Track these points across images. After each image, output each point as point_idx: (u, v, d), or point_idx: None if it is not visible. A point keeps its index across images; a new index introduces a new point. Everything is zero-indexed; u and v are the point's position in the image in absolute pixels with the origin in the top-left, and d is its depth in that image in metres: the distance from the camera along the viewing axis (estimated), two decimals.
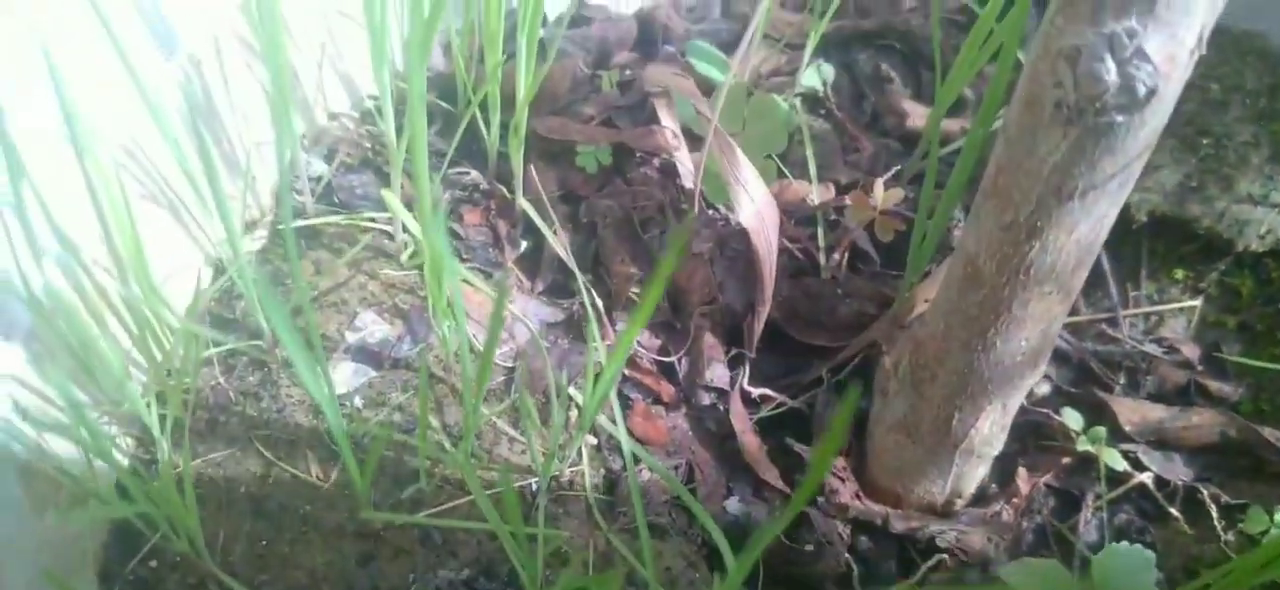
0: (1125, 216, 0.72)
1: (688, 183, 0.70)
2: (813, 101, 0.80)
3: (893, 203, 0.68)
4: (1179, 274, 0.75)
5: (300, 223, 0.66)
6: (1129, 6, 0.43)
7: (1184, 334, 0.75)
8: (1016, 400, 0.62)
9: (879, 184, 0.68)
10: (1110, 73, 0.45)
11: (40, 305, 0.46)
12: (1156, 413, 0.69)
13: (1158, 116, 0.47)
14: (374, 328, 0.63)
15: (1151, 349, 0.73)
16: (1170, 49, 0.44)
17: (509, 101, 0.67)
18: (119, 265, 0.51)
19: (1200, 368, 0.73)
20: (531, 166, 0.74)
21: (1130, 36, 0.44)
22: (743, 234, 0.63)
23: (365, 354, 0.62)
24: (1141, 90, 0.45)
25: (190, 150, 0.56)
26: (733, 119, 0.68)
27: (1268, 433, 0.66)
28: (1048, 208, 0.51)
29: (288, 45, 0.66)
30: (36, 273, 0.46)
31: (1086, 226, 0.52)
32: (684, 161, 0.70)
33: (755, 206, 0.57)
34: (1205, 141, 0.74)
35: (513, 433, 0.61)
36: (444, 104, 0.74)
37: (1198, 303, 0.74)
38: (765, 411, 0.68)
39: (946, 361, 0.60)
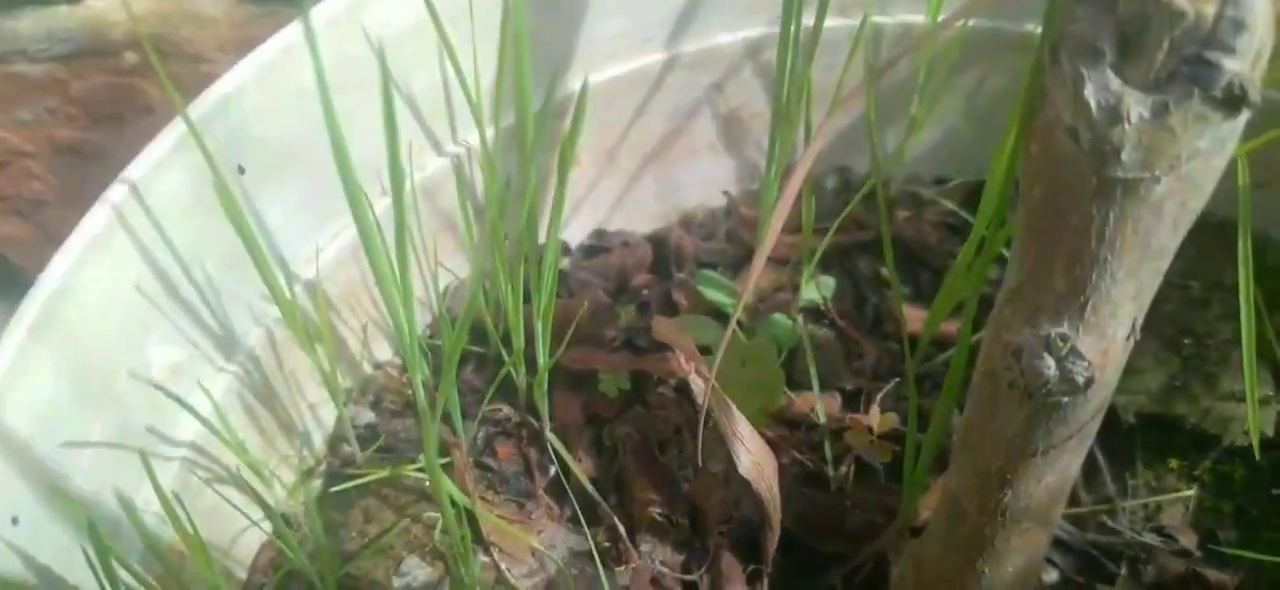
0: (1114, 417, 0.77)
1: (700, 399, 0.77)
2: (816, 313, 0.86)
3: (887, 427, 0.73)
4: (1174, 463, 0.79)
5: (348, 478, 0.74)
6: (1060, 315, 0.49)
7: (1182, 521, 0.78)
8: None
9: (875, 409, 0.74)
10: (1050, 368, 0.50)
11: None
12: None
13: (1106, 388, 0.52)
14: (417, 572, 0.70)
15: (1151, 538, 0.77)
16: (1102, 345, 0.50)
17: (533, 338, 0.74)
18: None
19: (1198, 555, 0.76)
20: (557, 395, 0.81)
21: (1063, 340, 0.49)
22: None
23: None
24: (1080, 380, 0.50)
25: (251, 434, 0.65)
26: (731, 363, 0.74)
27: None
28: (1014, 463, 0.57)
29: (331, 315, 0.74)
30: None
31: (1052, 476, 0.57)
32: (698, 384, 0.76)
33: (752, 458, 0.63)
34: (1187, 341, 0.78)
35: None
36: (477, 348, 0.82)
37: (1193, 492, 0.78)
38: None
39: (944, 584, 0.65)
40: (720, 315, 0.83)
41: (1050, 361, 0.50)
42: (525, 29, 0.57)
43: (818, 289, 0.85)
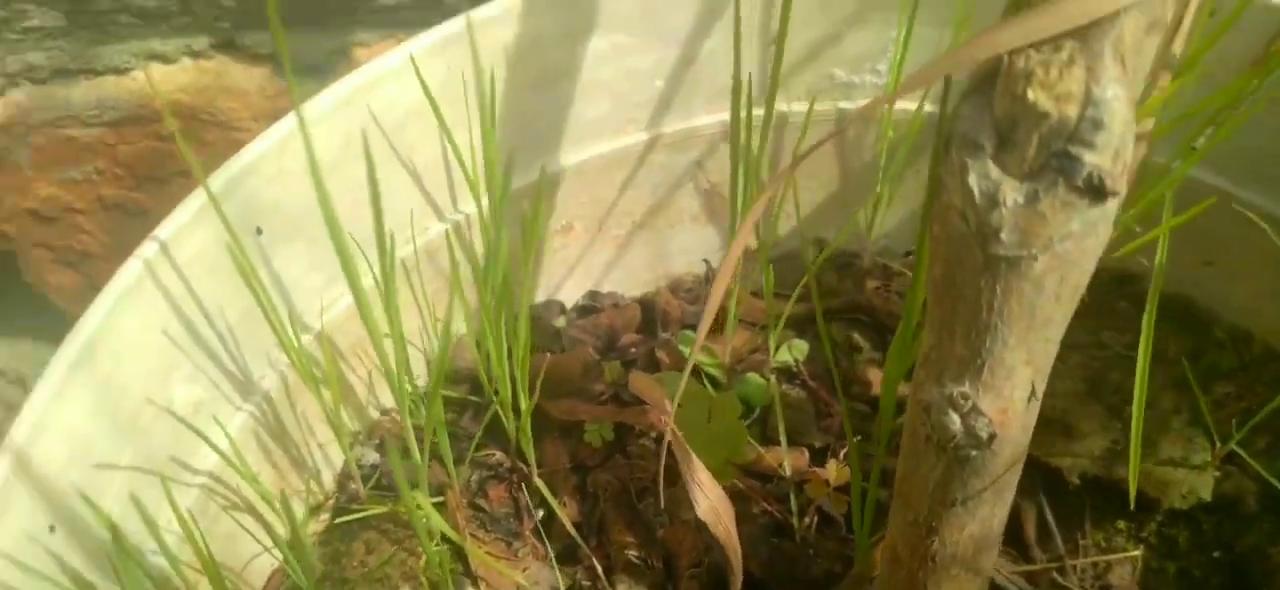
0: (1060, 480, 0.82)
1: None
2: (789, 374, 0.92)
3: (844, 480, 0.80)
4: (1121, 524, 0.84)
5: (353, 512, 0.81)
6: (962, 375, 0.55)
7: (1130, 579, 0.83)
8: None
9: (833, 463, 0.80)
10: (955, 424, 0.56)
11: None
12: None
13: (1011, 447, 0.58)
14: None
15: None
16: (1001, 404, 0.56)
17: (525, 389, 0.81)
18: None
19: None
20: (547, 442, 0.88)
21: (965, 398, 0.56)
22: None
23: None
24: (983, 435, 0.56)
25: (265, 468, 0.72)
26: (697, 415, 0.81)
27: None
28: (938, 512, 0.63)
29: (341, 364, 0.82)
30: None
31: (974, 526, 0.63)
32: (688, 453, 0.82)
33: (709, 501, 0.69)
34: (1130, 409, 0.84)
35: None
36: (474, 397, 0.89)
37: (1140, 552, 0.83)
38: None
39: None
40: (699, 373, 0.89)
41: (955, 417, 0.57)
42: (493, 116, 0.65)
43: (790, 351, 0.91)
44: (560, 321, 0.99)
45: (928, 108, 0.90)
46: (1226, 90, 0.69)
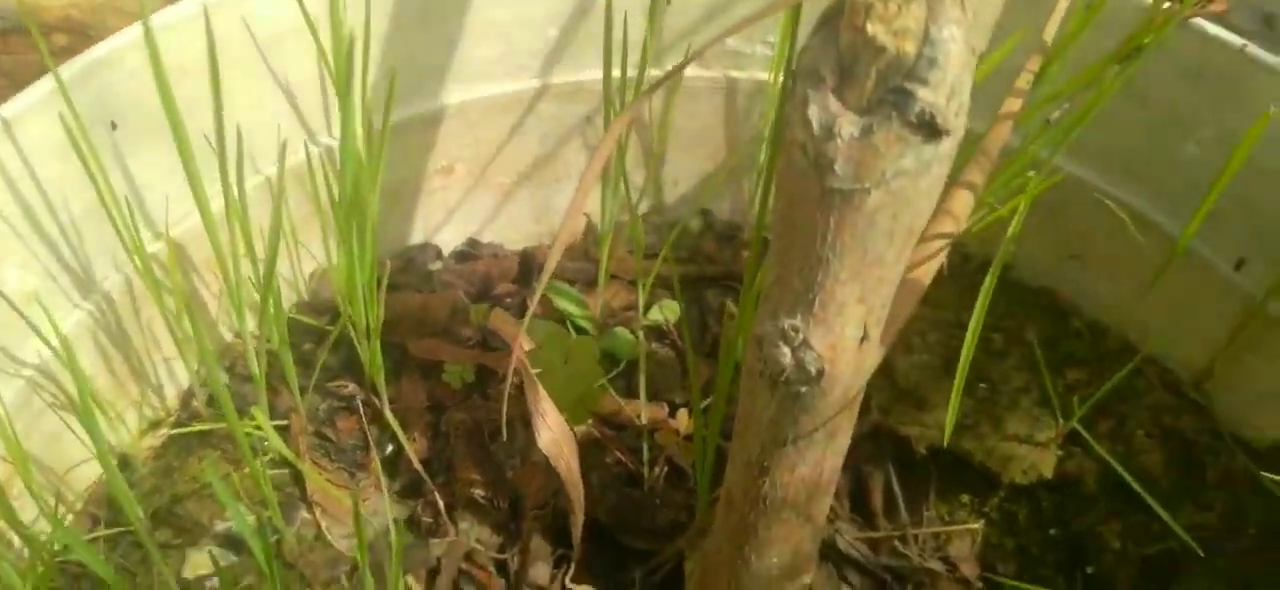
0: (908, 449, 0.84)
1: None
2: (660, 334, 0.92)
3: (692, 430, 0.80)
4: (965, 498, 0.86)
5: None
6: (794, 308, 0.56)
7: (969, 552, 0.85)
8: None
9: (683, 413, 0.80)
10: (786, 357, 0.57)
11: None
12: None
13: (841, 386, 0.59)
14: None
15: (936, 566, 0.83)
16: (831, 339, 0.56)
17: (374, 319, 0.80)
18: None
19: (979, 585, 0.83)
20: (405, 379, 0.87)
21: (795, 331, 0.56)
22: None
23: (229, 541, 0.73)
24: (812, 369, 0.57)
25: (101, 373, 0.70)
26: (554, 357, 0.81)
27: None
28: (770, 452, 0.63)
29: (195, 279, 0.80)
30: None
31: (805, 468, 0.64)
32: (534, 383, 0.82)
33: (552, 434, 0.69)
34: (982, 386, 0.86)
35: None
36: (330, 328, 0.87)
37: (980, 526, 0.85)
38: None
39: (721, 573, 0.71)
40: (566, 324, 0.89)
41: (786, 350, 0.57)
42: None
43: (662, 311, 0.92)
44: (436, 265, 0.98)
45: None
46: (1086, 72, 0.71)
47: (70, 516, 0.74)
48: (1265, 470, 0.81)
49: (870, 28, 0.46)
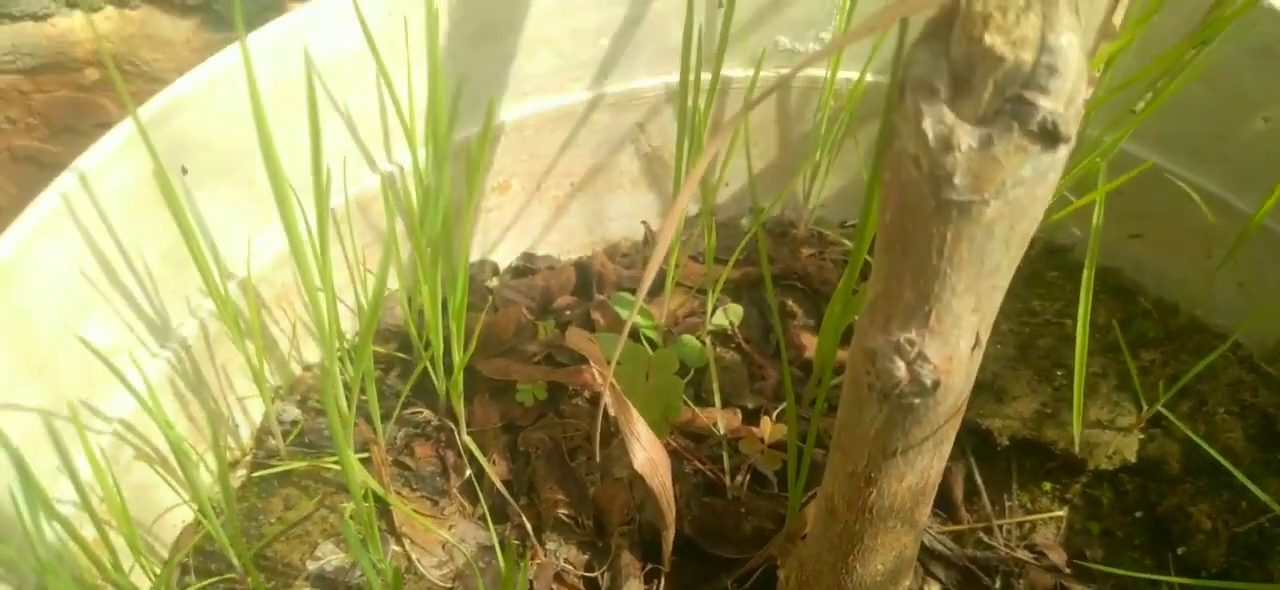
0: (991, 441, 0.83)
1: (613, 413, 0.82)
2: (724, 337, 0.92)
3: (777, 437, 0.79)
4: (1047, 486, 0.85)
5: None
6: (909, 321, 0.55)
7: (1054, 540, 0.85)
8: None
9: (766, 420, 0.80)
10: (901, 370, 0.56)
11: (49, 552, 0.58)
12: None
13: (955, 393, 0.59)
14: (331, 557, 0.74)
15: (1023, 555, 0.83)
16: (946, 351, 0.56)
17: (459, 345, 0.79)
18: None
19: (1068, 571, 0.83)
20: (477, 402, 0.86)
21: (911, 345, 0.55)
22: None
23: (323, 581, 0.72)
24: (928, 381, 0.56)
25: (180, 419, 0.69)
26: (636, 373, 0.80)
27: None
28: (878, 462, 0.63)
29: (264, 315, 0.79)
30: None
31: (913, 476, 0.63)
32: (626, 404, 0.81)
33: (647, 454, 0.68)
34: (1059, 373, 0.85)
35: None
36: (402, 355, 0.87)
37: (1064, 512, 0.85)
38: None
39: (822, 580, 0.70)
40: (635, 335, 0.88)
41: (900, 364, 0.56)
42: (441, 62, 0.63)
43: (726, 315, 0.91)
44: (493, 282, 0.97)
45: (869, 78, 0.90)
46: (1164, 57, 0.71)
47: (157, 567, 0.73)
48: None
49: (988, 38, 0.45)
